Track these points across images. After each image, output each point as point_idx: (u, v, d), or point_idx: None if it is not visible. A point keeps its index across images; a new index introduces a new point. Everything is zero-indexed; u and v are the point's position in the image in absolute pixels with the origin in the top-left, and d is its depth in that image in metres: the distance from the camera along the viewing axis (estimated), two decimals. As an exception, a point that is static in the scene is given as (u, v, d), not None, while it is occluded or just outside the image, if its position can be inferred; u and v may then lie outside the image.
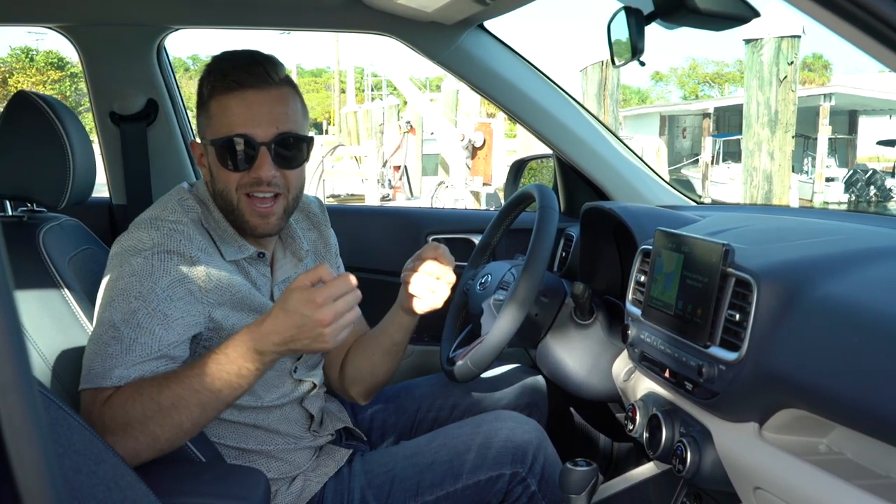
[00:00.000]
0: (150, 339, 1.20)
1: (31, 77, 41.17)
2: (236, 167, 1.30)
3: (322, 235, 1.59)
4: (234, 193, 1.32)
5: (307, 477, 1.46)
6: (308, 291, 1.14)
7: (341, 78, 29.06)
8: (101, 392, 1.17)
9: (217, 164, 1.31)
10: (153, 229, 1.27)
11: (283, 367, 1.43)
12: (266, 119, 1.29)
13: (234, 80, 1.28)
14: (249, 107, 1.28)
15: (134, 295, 1.21)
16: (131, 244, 1.26)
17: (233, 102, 1.29)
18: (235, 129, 1.28)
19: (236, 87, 1.28)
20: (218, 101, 1.30)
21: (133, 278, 1.22)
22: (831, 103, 17.81)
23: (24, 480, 0.43)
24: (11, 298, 0.43)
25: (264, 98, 1.29)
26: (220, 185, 1.32)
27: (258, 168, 1.30)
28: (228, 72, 1.29)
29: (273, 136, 1.30)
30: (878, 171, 18.89)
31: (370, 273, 2.38)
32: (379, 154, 13.45)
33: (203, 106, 1.33)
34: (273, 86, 1.30)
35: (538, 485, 1.46)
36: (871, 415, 0.93)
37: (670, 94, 62.96)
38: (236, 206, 1.32)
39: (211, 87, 1.31)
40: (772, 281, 1.12)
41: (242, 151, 1.29)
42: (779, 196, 9.52)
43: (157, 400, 1.14)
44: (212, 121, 1.31)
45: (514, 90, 2.09)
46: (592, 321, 1.73)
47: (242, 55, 1.33)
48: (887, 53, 0.73)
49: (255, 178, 1.30)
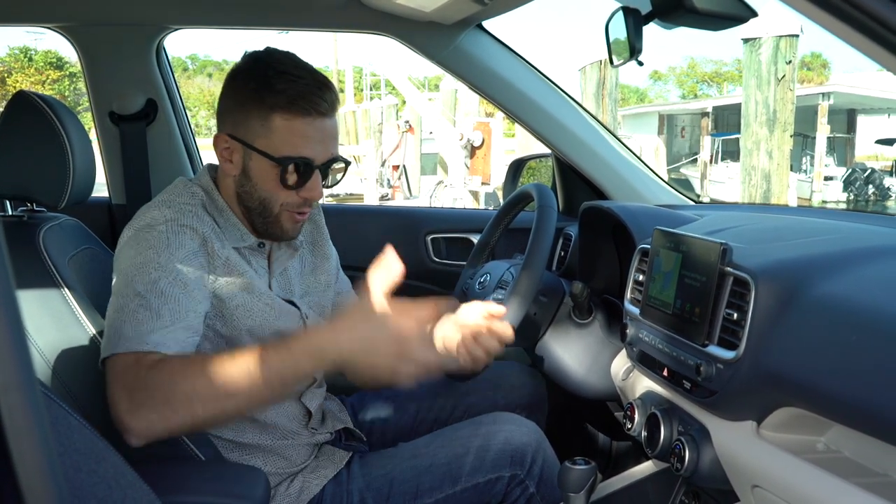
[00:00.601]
0: (175, 305, 1.21)
1: (29, 77, 41.13)
2: (294, 186, 1.33)
3: (317, 224, 1.61)
4: (278, 207, 1.35)
5: (306, 478, 1.46)
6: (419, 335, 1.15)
7: (340, 77, 29.04)
8: (144, 357, 1.16)
9: (269, 177, 1.33)
10: (165, 207, 1.31)
11: None
12: (326, 145, 1.33)
13: (311, 105, 1.29)
14: (319, 132, 1.32)
15: (153, 266, 1.23)
16: (145, 222, 1.29)
17: (306, 127, 1.30)
18: (301, 151, 1.31)
19: (311, 113, 1.30)
20: (288, 120, 1.29)
21: (151, 251, 1.25)
22: (830, 102, 17.80)
23: (26, 478, 0.43)
24: (13, 298, 0.43)
25: (329, 126, 1.34)
26: (265, 194, 1.34)
27: (311, 189, 1.34)
28: (305, 94, 1.29)
29: (327, 159, 1.34)
30: (876, 170, 18.90)
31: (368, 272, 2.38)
32: (378, 153, 13.45)
33: (261, 112, 1.30)
34: (335, 112, 1.35)
35: (537, 487, 1.46)
36: (868, 413, 0.93)
37: (669, 93, 63.03)
38: (275, 216, 1.36)
39: (282, 104, 1.29)
40: (769, 280, 1.13)
41: (302, 172, 1.33)
42: (777, 195, 9.52)
43: (210, 377, 1.11)
44: (273, 134, 1.30)
45: (512, 90, 2.09)
46: (591, 320, 1.74)
47: (311, 76, 1.32)
48: (883, 53, 0.73)
49: (305, 198, 1.35)
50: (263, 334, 1.36)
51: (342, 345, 1.14)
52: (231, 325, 1.33)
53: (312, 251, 1.58)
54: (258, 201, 1.36)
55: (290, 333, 1.21)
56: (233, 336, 1.34)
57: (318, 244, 1.59)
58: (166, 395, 1.11)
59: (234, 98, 1.34)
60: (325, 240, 1.61)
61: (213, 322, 1.32)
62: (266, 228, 1.38)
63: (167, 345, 1.18)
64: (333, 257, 1.63)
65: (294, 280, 1.49)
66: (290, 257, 1.48)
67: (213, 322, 1.32)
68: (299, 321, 1.44)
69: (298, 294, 1.49)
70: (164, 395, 1.11)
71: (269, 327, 1.37)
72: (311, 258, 1.57)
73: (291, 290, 1.47)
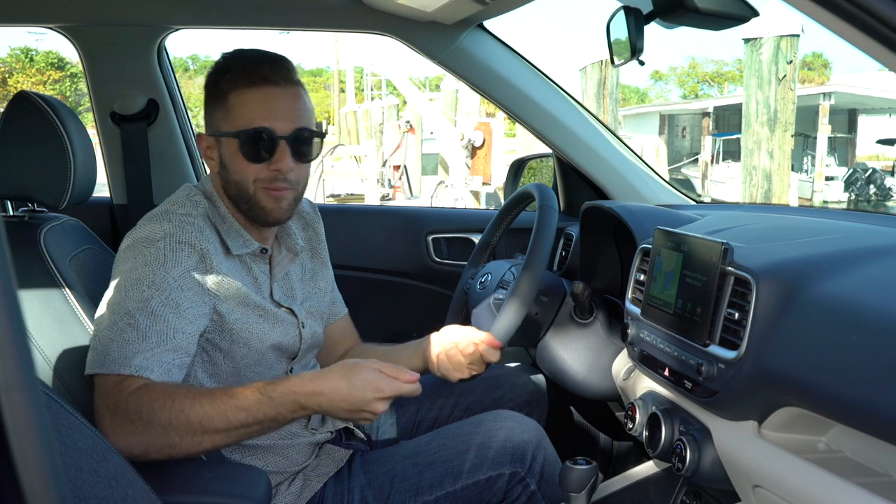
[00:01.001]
0: (164, 327, 1.22)
1: (31, 77, 41.14)
2: (258, 158, 1.33)
3: (316, 232, 1.63)
4: (252, 185, 1.35)
5: (307, 477, 1.46)
6: (379, 378, 1.22)
7: (341, 77, 29.03)
8: (126, 380, 1.18)
9: (236, 156, 1.34)
10: (165, 221, 1.31)
11: (279, 367, 1.44)
12: (286, 114, 1.34)
13: (260, 74, 1.33)
14: (272, 101, 1.33)
15: (147, 284, 1.24)
16: (143, 235, 1.29)
17: (256, 96, 1.33)
18: (258, 121, 1.32)
19: (260, 82, 1.32)
20: (239, 95, 1.33)
21: (146, 268, 1.25)
22: (831, 102, 17.79)
23: (27, 479, 0.43)
24: (15, 298, 0.43)
25: (285, 94, 1.35)
26: (237, 175, 1.35)
27: (278, 161, 1.34)
28: (252, 67, 1.33)
29: (292, 130, 1.34)
30: (877, 170, 18.88)
31: (370, 272, 2.38)
32: (378, 153, 13.44)
33: (219, 98, 1.36)
34: (291, 84, 1.36)
35: (537, 484, 1.47)
36: (869, 413, 0.93)
37: (670, 93, 62.93)
38: (252, 196, 1.36)
39: (231, 81, 1.34)
40: (771, 279, 1.13)
41: (264, 144, 1.33)
42: (778, 195, 9.51)
43: (188, 413, 1.15)
44: (231, 113, 1.34)
45: (513, 90, 2.09)
46: (592, 320, 1.74)
47: (263, 53, 1.37)
48: (884, 52, 0.73)
49: (274, 170, 1.34)
50: (261, 347, 1.38)
51: (319, 399, 1.20)
52: (229, 339, 1.35)
53: (312, 257, 1.60)
54: (234, 186, 1.37)
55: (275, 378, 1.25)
56: (231, 349, 1.35)
57: (316, 251, 1.62)
58: (145, 423, 1.14)
59: (205, 99, 1.39)
60: (323, 247, 1.64)
61: (211, 336, 1.33)
62: (252, 214, 1.38)
63: (151, 368, 1.19)
64: (330, 266, 1.66)
65: (296, 285, 1.51)
66: (290, 261, 1.50)
67: (211, 336, 1.33)
68: (296, 330, 1.46)
69: (300, 299, 1.51)
70: (143, 422, 1.14)
71: (267, 339, 1.39)
72: (310, 264, 1.59)
73: (293, 295, 1.49)
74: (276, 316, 1.41)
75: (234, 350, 1.35)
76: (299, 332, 1.46)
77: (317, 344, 1.56)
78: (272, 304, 1.42)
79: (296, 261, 1.51)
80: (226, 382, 1.37)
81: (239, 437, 1.19)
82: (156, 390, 1.17)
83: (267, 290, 1.43)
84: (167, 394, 1.17)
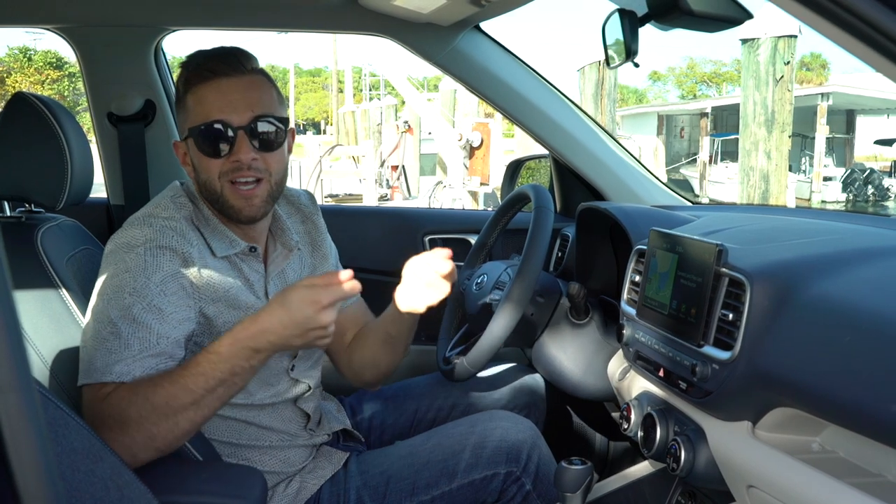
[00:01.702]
0: (146, 334, 1.21)
1: (29, 77, 41.09)
2: (216, 153, 1.32)
3: (315, 224, 1.60)
4: (218, 182, 1.33)
5: (304, 478, 1.46)
6: (313, 291, 1.16)
7: (339, 78, 29.03)
8: (102, 388, 1.18)
9: (198, 154, 1.33)
10: (146, 226, 1.29)
11: (279, 365, 1.43)
12: (241, 104, 1.32)
13: (208, 69, 1.32)
14: (224, 93, 1.32)
15: (128, 291, 1.23)
16: (124, 241, 1.28)
17: (208, 91, 1.32)
18: (212, 115, 1.31)
19: (211, 76, 1.32)
20: (194, 93, 1.33)
21: (127, 274, 1.24)
22: (829, 103, 17.81)
23: (23, 479, 0.43)
24: (10, 299, 0.44)
25: (238, 84, 1.33)
26: (203, 174, 1.34)
27: (237, 152, 1.32)
28: (201, 63, 1.33)
29: (249, 119, 1.32)
30: (875, 171, 18.93)
31: (368, 273, 2.38)
32: (377, 154, 13.44)
33: (180, 102, 1.36)
34: (246, 73, 1.34)
35: (532, 484, 1.47)
36: (863, 414, 0.93)
37: (668, 93, 62.97)
38: (220, 194, 1.34)
39: (185, 81, 1.34)
40: (765, 281, 1.13)
41: (220, 137, 1.31)
42: (776, 196, 9.50)
43: (151, 399, 1.14)
44: (189, 114, 1.34)
45: (510, 91, 2.10)
46: (588, 321, 1.74)
47: (214, 49, 1.37)
48: (879, 59, 0.74)
49: (234, 162, 1.32)
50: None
51: (266, 336, 1.17)
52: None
53: (311, 252, 1.57)
54: (203, 186, 1.36)
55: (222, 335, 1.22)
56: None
57: (316, 244, 1.58)
58: (120, 425, 1.14)
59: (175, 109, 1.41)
60: (323, 239, 1.60)
61: (200, 339, 1.32)
62: (225, 213, 1.36)
63: (132, 373, 1.19)
64: (333, 255, 1.63)
65: (292, 282, 1.49)
66: (285, 258, 1.48)
67: (200, 339, 1.32)
68: None
69: None
70: (118, 425, 1.14)
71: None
72: (310, 259, 1.56)
73: None
74: None
75: None
76: None
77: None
78: (266, 301, 1.40)
79: (291, 256, 1.49)
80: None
81: (211, 405, 1.17)
82: (121, 390, 1.17)
83: (261, 288, 1.42)
84: (131, 390, 1.17)
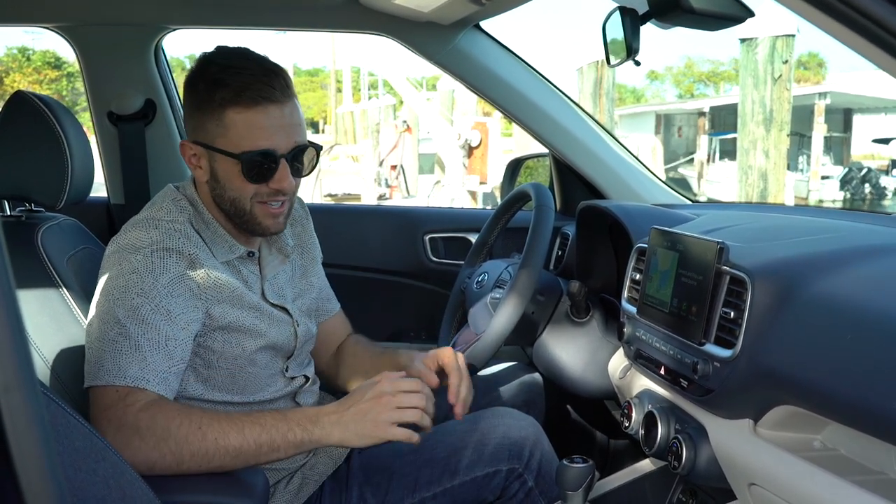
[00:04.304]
0: (156, 335, 1.21)
1: (27, 76, 41.01)
2: (260, 179, 1.30)
3: (305, 228, 1.60)
4: (249, 202, 1.32)
5: (305, 475, 1.46)
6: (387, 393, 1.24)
7: (337, 77, 29.00)
8: (131, 394, 1.17)
9: (235, 176, 1.30)
10: (151, 228, 1.28)
11: (274, 366, 1.44)
12: (286, 132, 1.29)
13: (261, 95, 1.26)
14: (273, 120, 1.28)
15: (136, 292, 1.22)
16: (129, 242, 1.27)
17: (257, 116, 1.27)
18: (260, 143, 1.27)
19: (263, 102, 1.26)
20: (240, 113, 1.26)
21: (134, 275, 1.23)
22: (826, 101, 17.81)
23: (26, 477, 0.43)
24: (13, 298, 0.44)
25: (284, 111, 1.29)
26: (234, 193, 1.32)
27: (280, 180, 1.30)
28: (252, 84, 1.26)
29: (291, 147, 1.30)
30: (872, 169, 18.92)
31: (367, 272, 2.38)
32: (375, 153, 13.43)
33: (213, 111, 1.28)
34: (289, 98, 1.30)
35: (535, 481, 1.47)
36: (864, 411, 0.93)
37: (666, 92, 62.84)
38: (249, 213, 1.33)
39: (231, 99, 1.26)
40: (766, 278, 1.13)
41: (268, 165, 1.29)
42: (774, 194, 9.50)
43: (205, 430, 1.16)
44: (230, 132, 1.28)
45: (510, 90, 2.10)
46: (588, 319, 1.74)
47: (256, 65, 1.29)
48: (880, 54, 0.74)
49: (275, 189, 1.31)
50: (255, 346, 1.37)
51: (329, 416, 1.22)
52: (222, 340, 1.33)
53: (302, 255, 1.58)
54: (229, 202, 1.33)
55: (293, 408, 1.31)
56: (224, 350, 1.34)
57: (306, 247, 1.59)
58: (158, 440, 1.14)
59: (190, 103, 1.33)
60: (313, 243, 1.61)
61: (203, 339, 1.31)
62: (247, 227, 1.36)
63: (147, 379, 1.19)
64: (319, 257, 1.64)
65: (285, 285, 1.49)
66: (280, 263, 1.48)
67: (203, 339, 1.31)
68: (291, 328, 1.45)
69: (290, 298, 1.49)
70: (156, 439, 1.14)
71: (261, 338, 1.37)
72: (300, 262, 1.57)
73: (284, 295, 1.47)
74: (270, 315, 1.40)
75: (227, 350, 1.34)
76: (294, 330, 1.45)
77: (310, 341, 1.56)
78: (265, 303, 1.40)
79: (286, 262, 1.50)
80: (221, 386, 1.36)
81: (247, 457, 1.19)
82: (170, 408, 1.18)
83: (258, 290, 1.42)
84: (182, 412, 1.18)
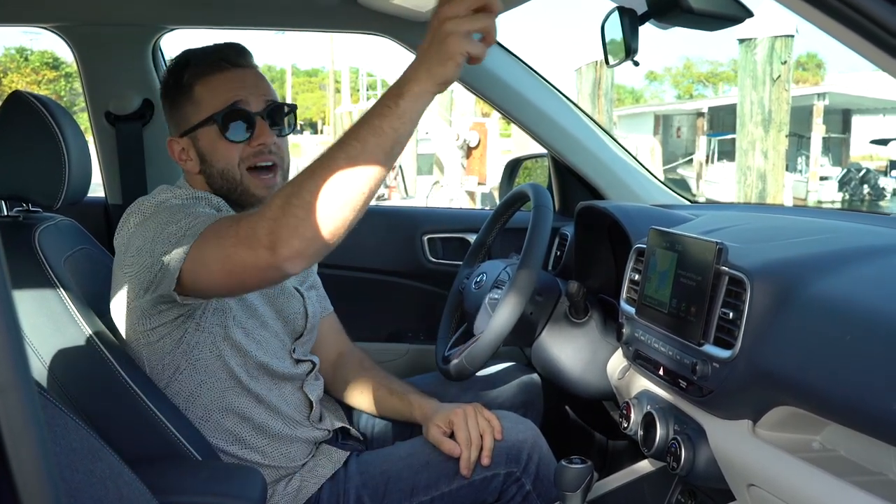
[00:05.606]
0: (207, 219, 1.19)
1: (25, 77, 40.98)
2: (239, 136, 1.36)
3: None
4: (238, 169, 1.37)
5: (304, 476, 1.46)
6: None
7: (336, 78, 29.02)
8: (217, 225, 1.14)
9: (217, 141, 1.36)
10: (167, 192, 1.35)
11: (284, 340, 1.47)
12: (255, 91, 1.38)
13: (222, 58, 1.37)
14: (240, 81, 1.37)
15: (182, 215, 1.21)
16: (157, 202, 1.30)
17: (221, 80, 1.36)
18: (229, 99, 1.35)
19: (226, 67, 1.37)
20: (205, 84, 1.36)
21: (173, 217, 1.22)
22: (825, 102, 17.84)
23: (22, 478, 0.43)
24: (9, 299, 0.43)
25: (249, 74, 1.40)
26: (221, 163, 1.37)
27: (259, 136, 1.36)
28: (212, 56, 1.37)
29: (265, 105, 1.38)
30: (871, 170, 18.95)
31: (365, 272, 2.38)
32: (374, 153, 13.41)
33: (184, 94, 1.38)
34: (252, 66, 1.41)
35: (533, 484, 1.47)
36: (863, 412, 0.93)
37: (664, 93, 62.91)
38: (240, 182, 1.38)
39: (195, 73, 1.37)
40: (765, 279, 1.13)
41: (244, 118, 1.36)
42: (773, 195, 9.52)
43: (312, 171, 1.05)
44: (200, 104, 1.37)
45: (508, 90, 2.09)
46: (587, 319, 1.74)
47: (218, 44, 1.41)
48: (879, 54, 0.74)
49: (258, 145, 1.36)
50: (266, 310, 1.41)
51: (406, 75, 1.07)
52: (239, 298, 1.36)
53: None
54: (220, 177, 1.38)
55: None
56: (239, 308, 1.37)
57: None
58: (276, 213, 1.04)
59: (167, 100, 1.43)
60: None
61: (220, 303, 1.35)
62: (243, 202, 1.39)
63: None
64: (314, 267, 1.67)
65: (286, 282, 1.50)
66: None
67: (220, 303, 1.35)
68: (301, 308, 1.50)
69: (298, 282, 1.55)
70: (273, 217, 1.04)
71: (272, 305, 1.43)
72: None
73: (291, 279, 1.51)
74: (284, 287, 1.45)
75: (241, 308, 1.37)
76: (305, 310, 1.50)
77: (315, 330, 1.59)
78: None
79: None
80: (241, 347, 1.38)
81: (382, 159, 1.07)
82: (284, 189, 1.06)
83: None
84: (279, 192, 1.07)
